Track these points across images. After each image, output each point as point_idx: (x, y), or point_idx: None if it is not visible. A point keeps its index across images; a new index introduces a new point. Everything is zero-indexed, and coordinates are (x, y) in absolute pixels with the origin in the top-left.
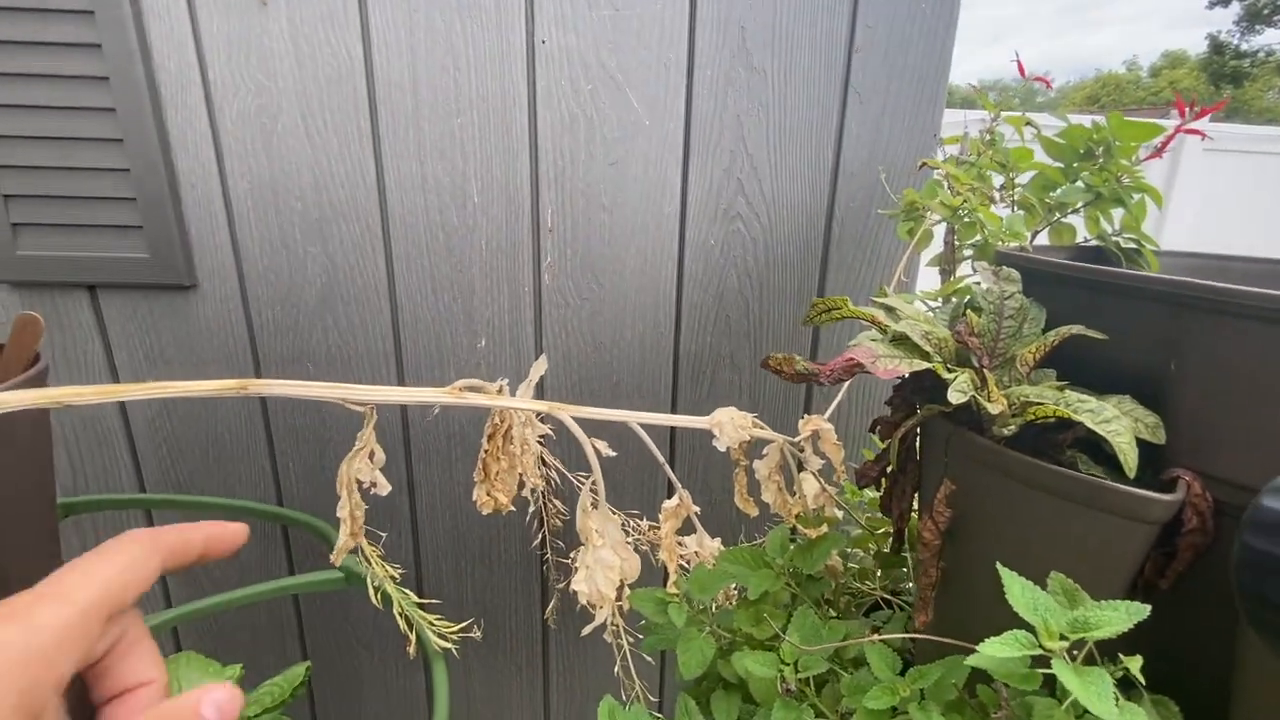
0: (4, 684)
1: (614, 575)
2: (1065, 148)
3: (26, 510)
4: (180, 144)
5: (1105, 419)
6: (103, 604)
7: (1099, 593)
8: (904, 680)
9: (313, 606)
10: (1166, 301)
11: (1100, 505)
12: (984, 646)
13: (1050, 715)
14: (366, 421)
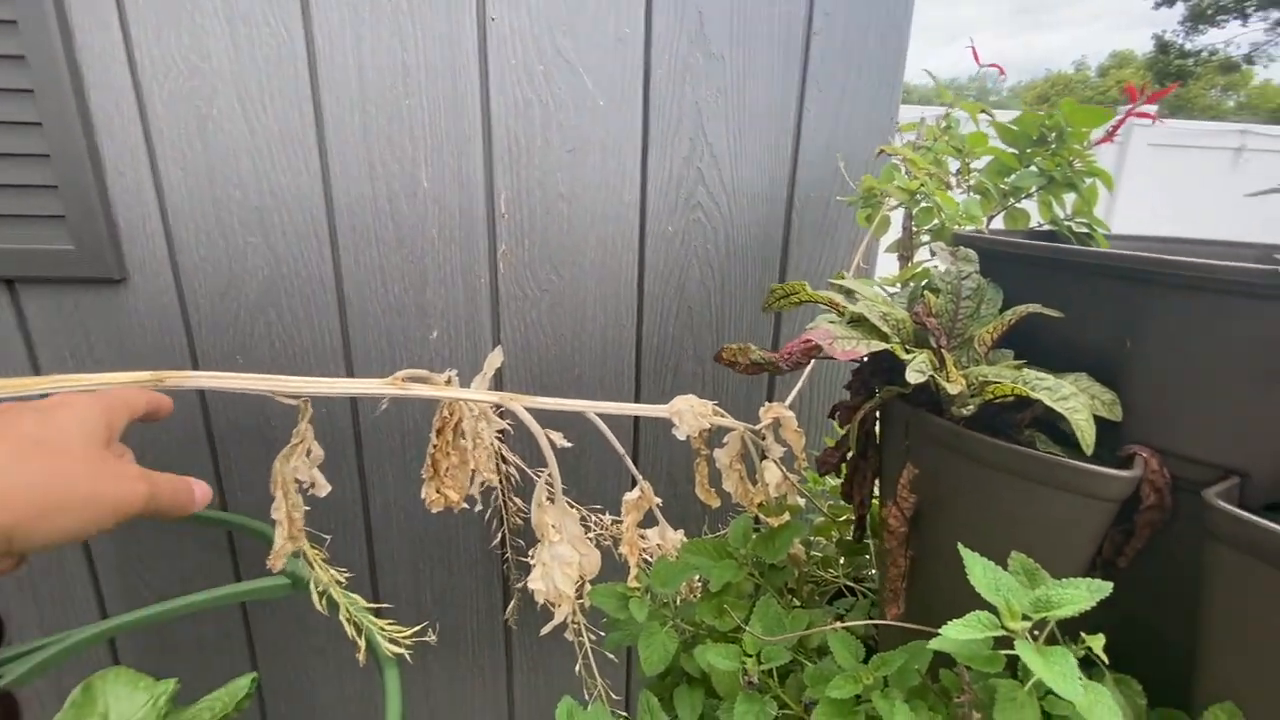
0: (89, 418)
1: (572, 572)
2: (1019, 134)
3: None
4: (105, 128)
5: (1063, 396)
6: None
7: (1059, 571)
8: (867, 668)
9: (262, 614)
10: (1123, 278)
11: (1058, 483)
12: (946, 629)
13: (1013, 697)
14: (301, 416)
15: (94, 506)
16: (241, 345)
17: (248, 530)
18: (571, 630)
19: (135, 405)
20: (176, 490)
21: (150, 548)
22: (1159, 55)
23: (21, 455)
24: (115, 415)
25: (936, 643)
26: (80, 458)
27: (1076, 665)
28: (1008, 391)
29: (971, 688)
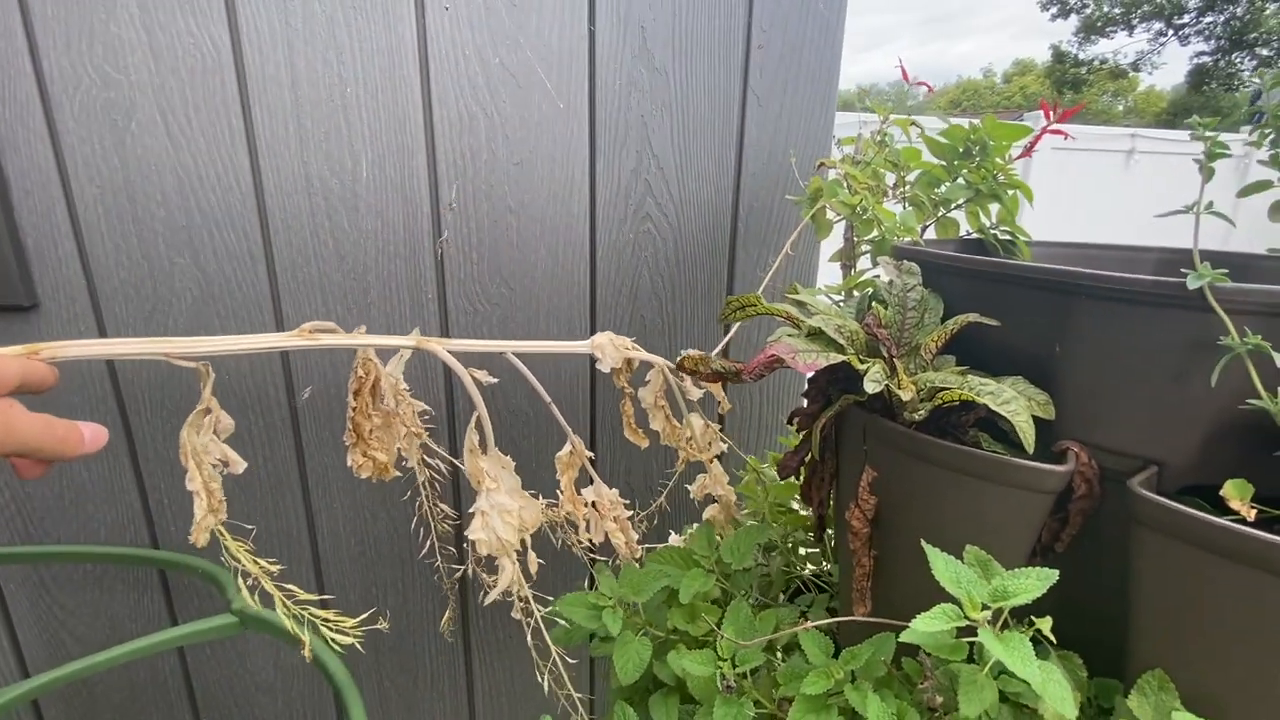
0: None
1: (513, 519)
2: (947, 147)
3: None
4: (10, 143)
5: (1005, 400)
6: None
7: (1005, 560)
8: (837, 663)
9: (200, 655)
10: (1052, 289)
11: (1003, 479)
12: (916, 622)
13: (974, 680)
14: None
15: None
16: (171, 373)
17: (183, 568)
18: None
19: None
20: (52, 427)
21: (72, 595)
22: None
23: None
24: None
25: (907, 635)
26: None
27: (1032, 649)
28: (955, 397)
29: (933, 674)
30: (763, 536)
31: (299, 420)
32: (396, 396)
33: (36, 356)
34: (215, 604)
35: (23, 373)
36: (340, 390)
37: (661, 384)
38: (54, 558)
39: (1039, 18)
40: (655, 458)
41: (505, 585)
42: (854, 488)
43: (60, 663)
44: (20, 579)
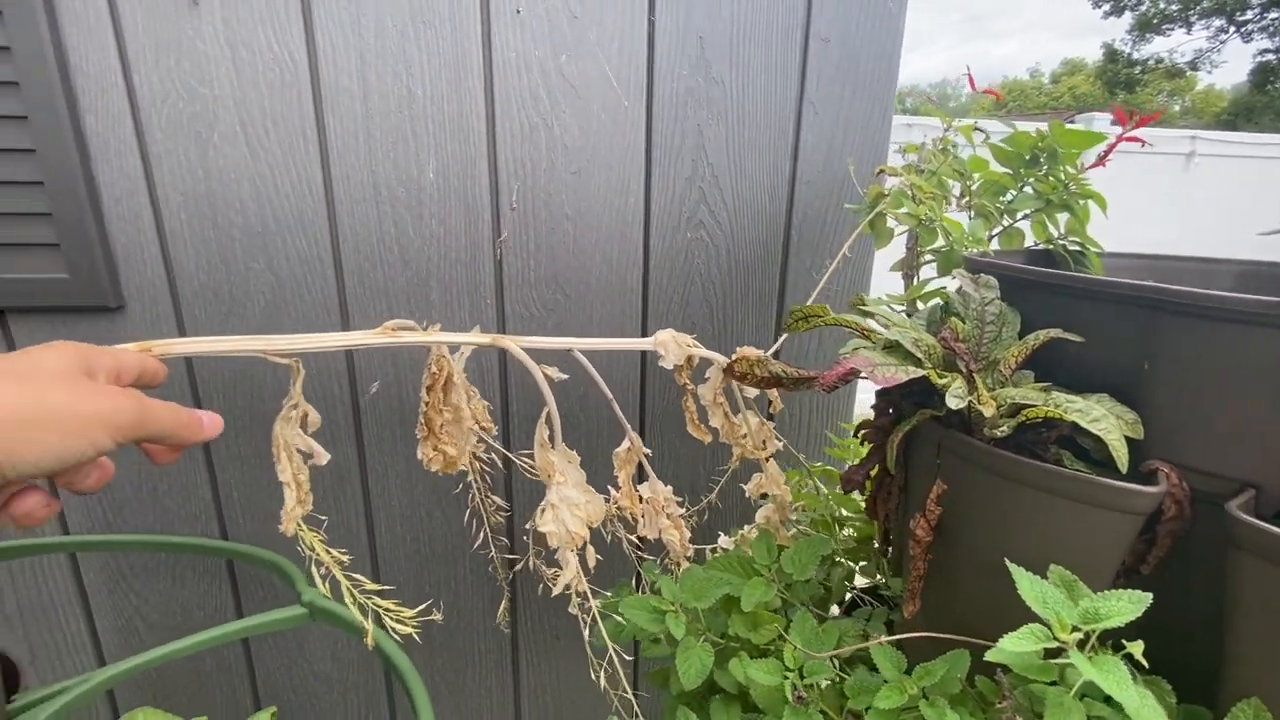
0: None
1: (581, 513)
2: (1012, 154)
3: None
4: (102, 154)
5: (1095, 418)
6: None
7: (1089, 583)
8: (911, 679)
9: (263, 644)
10: (1142, 305)
11: (1090, 499)
12: (1004, 642)
13: (1061, 703)
14: (294, 378)
15: (78, 420)
16: (242, 373)
17: (253, 559)
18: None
19: (120, 358)
20: (178, 414)
21: (146, 584)
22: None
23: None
24: (94, 358)
25: (993, 654)
26: (56, 378)
27: (1129, 672)
28: (1042, 414)
29: (1012, 694)
30: (826, 548)
31: (361, 419)
32: (467, 392)
33: (150, 353)
34: (278, 594)
35: (139, 367)
36: (400, 389)
37: (721, 381)
38: (133, 546)
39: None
40: (701, 458)
41: (569, 578)
42: (922, 499)
43: (134, 648)
44: (99, 567)
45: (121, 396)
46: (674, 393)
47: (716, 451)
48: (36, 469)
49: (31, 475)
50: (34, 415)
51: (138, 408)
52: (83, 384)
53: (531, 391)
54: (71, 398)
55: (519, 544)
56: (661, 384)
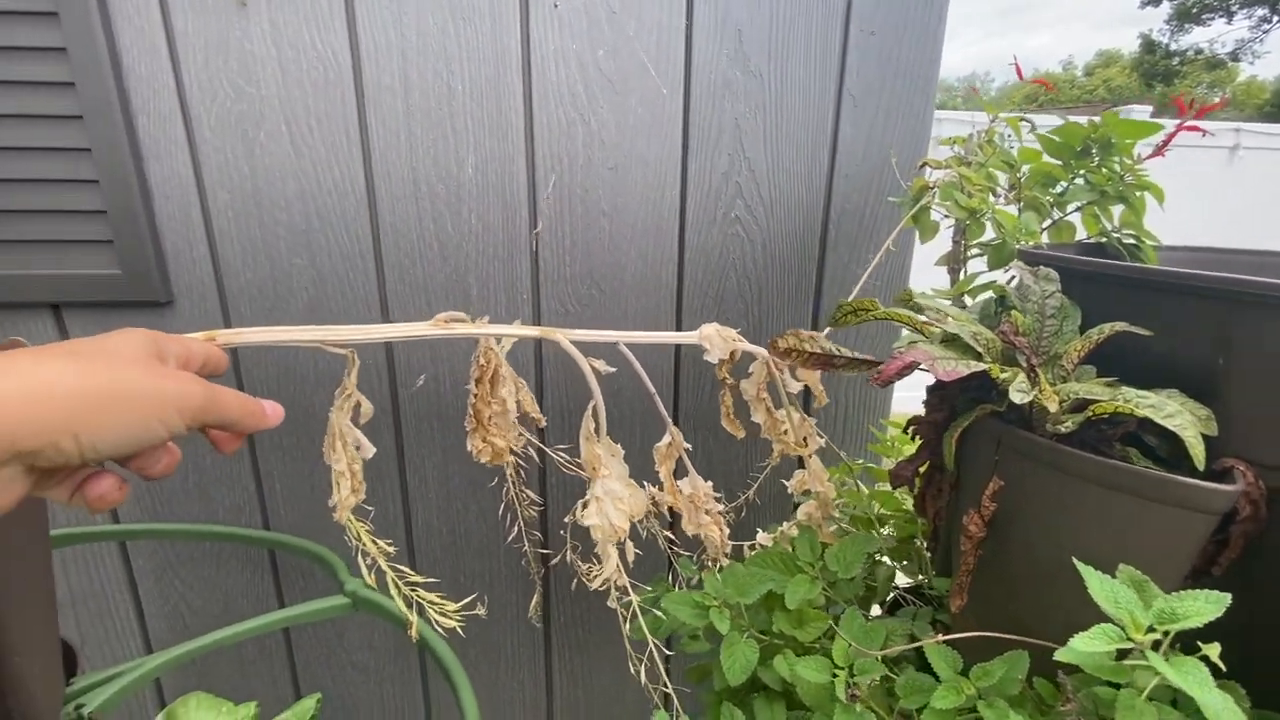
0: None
1: (625, 506)
2: (1063, 146)
3: (24, 543)
4: (153, 153)
5: (1169, 414)
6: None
7: (1159, 581)
8: (968, 679)
9: (303, 633)
10: (1221, 299)
11: (1163, 498)
12: (1074, 642)
13: (1132, 705)
14: (349, 368)
15: (151, 399)
16: (287, 367)
17: (297, 550)
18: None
19: (187, 346)
20: (244, 401)
21: (191, 572)
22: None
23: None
24: (164, 344)
25: (1064, 654)
26: (129, 359)
27: (1209, 674)
28: (1110, 410)
29: (1075, 696)
30: (871, 546)
31: (400, 414)
32: (515, 384)
33: (215, 342)
34: (317, 584)
35: (204, 356)
36: (439, 384)
37: (764, 376)
38: (183, 536)
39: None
40: (735, 456)
41: (610, 572)
42: (976, 496)
43: (180, 634)
44: (148, 555)
45: (191, 380)
46: (707, 390)
47: (751, 449)
48: (113, 448)
49: (108, 455)
50: (110, 395)
51: (206, 392)
52: (155, 366)
53: (565, 386)
54: (145, 379)
55: (552, 539)
56: (695, 380)
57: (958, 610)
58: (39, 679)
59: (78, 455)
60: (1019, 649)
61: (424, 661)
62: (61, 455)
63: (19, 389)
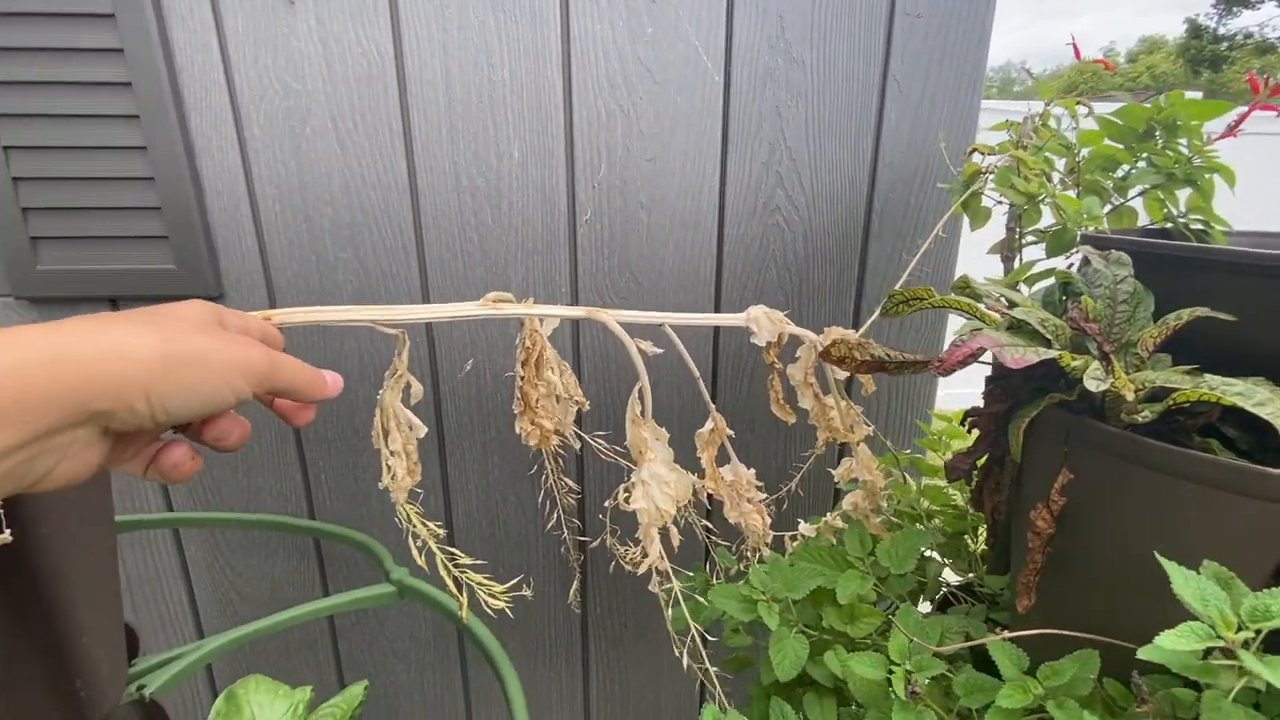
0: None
1: (670, 491)
2: (1125, 128)
3: (91, 532)
4: (205, 150)
5: (1259, 402)
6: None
7: (1243, 578)
8: (1036, 679)
9: (346, 621)
10: None
11: (1252, 491)
12: (1161, 639)
13: (1218, 707)
14: (399, 349)
15: (218, 362)
16: (332, 360)
17: (341, 538)
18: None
19: (247, 320)
20: (304, 369)
21: (241, 559)
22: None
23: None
24: (226, 315)
25: (1147, 652)
26: (194, 325)
27: None
28: (1193, 398)
29: (1152, 698)
30: (925, 541)
31: (441, 403)
32: (558, 366)
33: (271, 322)
34: (360, 573)
35: (263, 332)
36: (479, 376)
37: (812, 361)
38: (233, 524)
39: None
40: (775, 449)
41: (653, 558)
42: (1041, 490)
43: (230, 620)
44: (200, 543)
45: (255, 345)
46: (745, 382)
47: (789, 442)
48: (184, 409)
49: (179, 417)
50: (179, 357)
51: (269, 357)
52: (220, 332)
53: (602, 373)
54: (212, 343)
55: (590, 527)
56: (733, 372)
57: (1024, 611)
58: (104, 660)
59: (149, 417)
60: (1086, 648)
61: (463, 651)
62: (135, 417)
63: (92, 350)
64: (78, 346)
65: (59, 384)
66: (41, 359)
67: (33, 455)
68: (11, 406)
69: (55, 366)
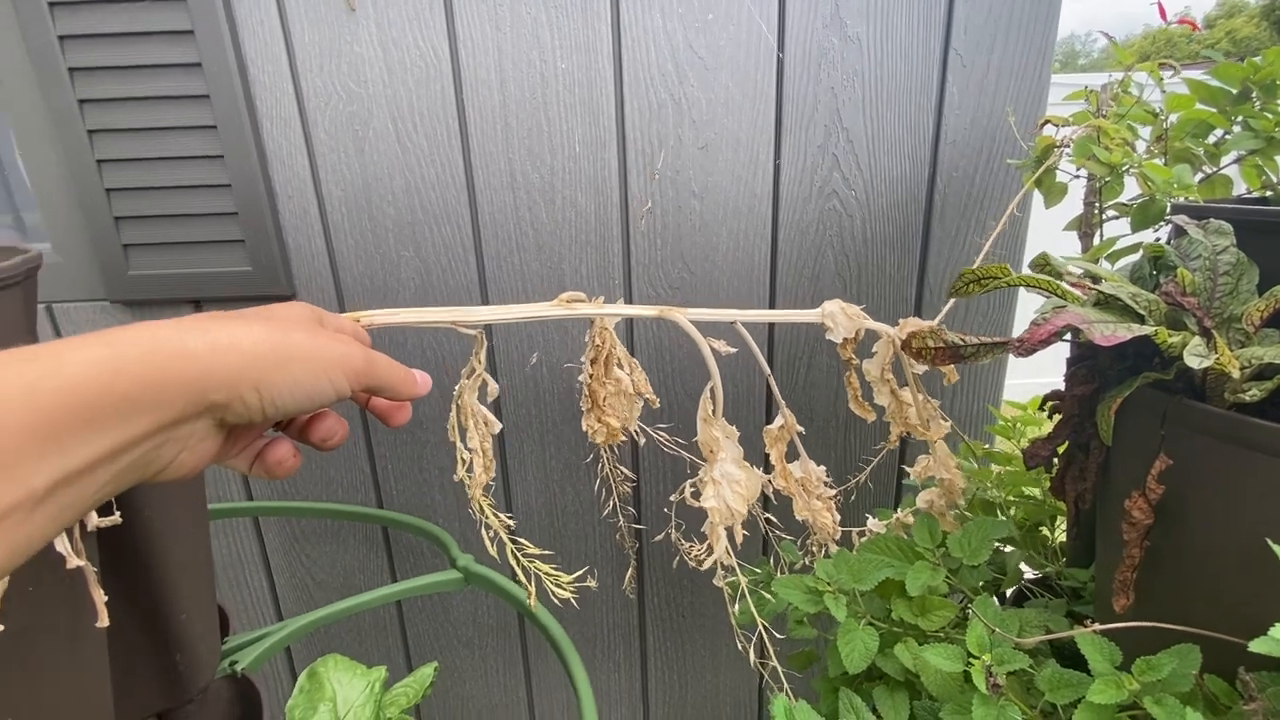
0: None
1: (741, 489)
2: (1217, 90)
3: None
4: (276, 156)
5: None
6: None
7: None
8: (1131, 674)
9: (413, 606)
10: None
11: None
12: (1275, 629)
13: None
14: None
15: (320, 358)
16: (395, 354)
17: (410, 527)
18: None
19: (341, 321)
20: (397, 368)
21: (316, 547)
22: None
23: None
24: (325, 315)
25: (1259, 644)
26: (297, 323)
27: None
28: None
29: (1260, 695)
30: (999, 532)
31: (500, 399)
32: (629, 364)
33: (360, 323)
34: (425, 561)
35: (354, 333)
36: (537, 369)
37: (890, 355)
38: (311, 513)
39: None
40: (834, 442)
41: (720, 554)
42: (1132, 477)
43: (305, 604)
44: (278, 530)
45: (352, 343)
46: (802, 374)
47: (849, 429)
48: (290, 403)
49: (286, 411)
50: (286, 352)
51: (366, 354)
52: (320, 330)
53: (656, 362)
54: (314, 339)
55: (645, 514)
56: (789, 364)
57: (1122, 610)
58: (202, 636)
59: (259, 409)
60: (1184, 643)
61: (524, 637)
62: (247, 409)
63: (207, 343)
64: (198, 340)
65: (185, 375)
66: (169, 351)
67: (159, 444)
68: (145, 394)
69: (181, 359)
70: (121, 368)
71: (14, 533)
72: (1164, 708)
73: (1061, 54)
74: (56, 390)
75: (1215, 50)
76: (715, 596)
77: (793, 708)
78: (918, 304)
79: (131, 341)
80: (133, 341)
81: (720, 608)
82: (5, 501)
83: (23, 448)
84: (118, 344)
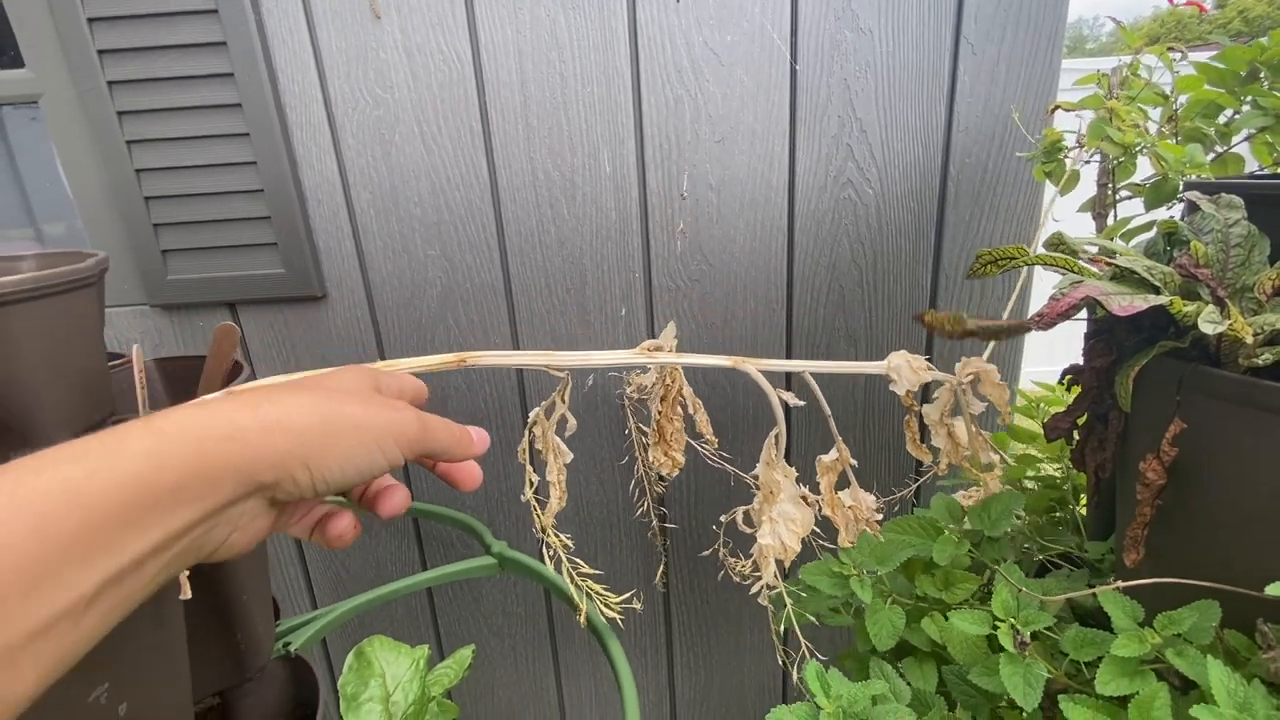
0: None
1: (796, 528)
2: (1225, 72)
3: None
4: (306, 161)
5: None
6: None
7: None
8: (1153, 629)
9: (444, 596)
10: None
11: None
12: None
13: None
14: (562, 388)
15: (371, 429)
16: (424, 351)
17: (444, 518)
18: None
19: (401, 381)
20: (452, 429)
21: None
22: None
23: (297, 394)
24: (381, 379)
25: (1276, 587)
26: (349, 393)
27: None
28: None
29: (1278, 644)
30: (1018, 504)
31: (525, 397)
32: (693, 403)
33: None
34: (456, 551)
35: (415, 391)
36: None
37: (949, 403)
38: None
39: None
40: (874, 467)
41: (768, 578)
42: (1150, 444)
43: (340, 595)
44: None
45: (406, 409)
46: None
47: (875, 440)
48: (340, 478)
49: (336, 486)
50: (337, 426)
51: (420, 420)
52: (374, 398)
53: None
54: (366, 410)
55: (671, 507)
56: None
57: (1133, 565)
58: (259, 618)
59: (310, 487)
60: (1203, 599)
61: (553, 627)
62: (297, 487)
63: (257, 423)
64: (246, 421)
65: (233, 459)
66: (217, 435)
67: (209, 528)
68: (192, 483)
69: (229, 443)
70: (166, 461)
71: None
72: (1186, 659)
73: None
74: (103, 490)
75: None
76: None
77: (824, 674)
78: (933, 291)
79: (179, 429)
80: (180, 429)
81: (743, 592)
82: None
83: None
84: (164, 433)
